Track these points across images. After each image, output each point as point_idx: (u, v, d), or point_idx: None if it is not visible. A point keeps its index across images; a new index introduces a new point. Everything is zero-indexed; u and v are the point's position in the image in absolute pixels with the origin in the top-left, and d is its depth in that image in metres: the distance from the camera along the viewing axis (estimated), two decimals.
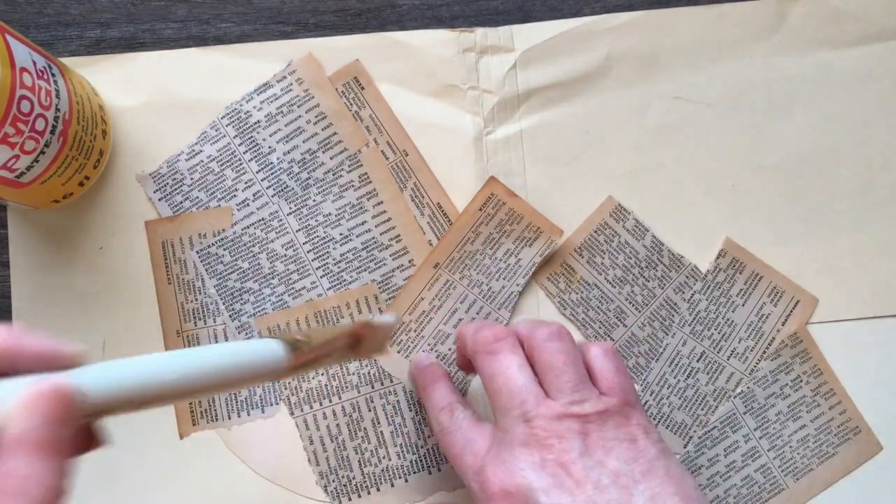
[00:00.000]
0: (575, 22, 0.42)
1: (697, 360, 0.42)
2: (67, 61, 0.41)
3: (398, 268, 0.42)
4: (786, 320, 0.42)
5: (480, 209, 0.42)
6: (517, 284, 0.41)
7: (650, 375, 0.41)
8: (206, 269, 0.41)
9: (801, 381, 0.42)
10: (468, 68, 0.42)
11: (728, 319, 0.42)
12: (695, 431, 0.41)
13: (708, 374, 0.42)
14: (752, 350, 0.42)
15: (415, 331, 0.41)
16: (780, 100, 0.43)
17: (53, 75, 0.36)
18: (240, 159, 0.41)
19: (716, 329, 0.42)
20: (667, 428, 0.41)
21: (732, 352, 0.42)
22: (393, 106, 0.42)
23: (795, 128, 0.43)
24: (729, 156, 0.43)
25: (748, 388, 0.41)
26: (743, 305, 0.42)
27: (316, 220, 0.41)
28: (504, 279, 0.41)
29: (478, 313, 0.41)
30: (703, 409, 0.41)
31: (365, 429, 0.41)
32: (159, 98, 0.41)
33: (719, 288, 0.42)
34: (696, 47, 0.43)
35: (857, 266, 0.42)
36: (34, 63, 0.34)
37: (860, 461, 0.41)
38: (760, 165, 0.43)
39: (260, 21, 0.42)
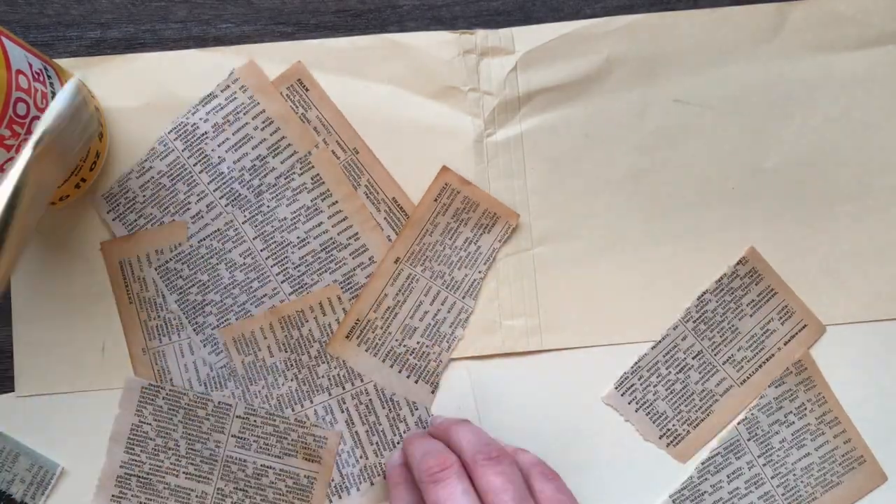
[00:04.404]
0: (576, 24, 0.42)
1: (693, 358, 0.41)
2: (67, 62, 0.41)
3: (359, 266, 0.41)
4: (789, 340, 0.42)
5: (436, 200, 0.41)
6: (479, 272, 0.41)
7: (643, 360, 0.41)
8: (167, 285, 0.41)
9: (806, 408, 0.41)
10: (469, 70, 0.42)
11: (733, 325, 0.41)
12: (673, 425, 0.41)
13: (700, 373, 0.41)
14: (748, 361, 0.41)
15: (381, 328, 0.41)
16: (780, 103, 0.42)
17: (49, 77, 0.36)
18: (190, 172, 0.41)
19: (718, 332, 0.41)
20: (646, 415, 0.41)
21: (729, 358, 0.41)
22: (392, 107, 0.42)
23: (795, 131, 0.42)
24: (729, 158, 0.42)
25: (752, 414, 0.41)
26: (751, 316, 0.42)
27: (272, 226, 0.41)
28: (466, 267, 0.41)
29: (442, 304, 0.41)
30: (686, 406, 0.41)
31: (340, 431, 0.40)
32: (159, 99, 0.42)
33: (732, 293, 0.42)
34: (697, 50, 0.42)
35: (857, 269, 0.42)
36: (30, 65, 0.34)
37: (865, 491, 0.41)
38: (760, 168, 0.42)
39: (260, 22, 0.43)
